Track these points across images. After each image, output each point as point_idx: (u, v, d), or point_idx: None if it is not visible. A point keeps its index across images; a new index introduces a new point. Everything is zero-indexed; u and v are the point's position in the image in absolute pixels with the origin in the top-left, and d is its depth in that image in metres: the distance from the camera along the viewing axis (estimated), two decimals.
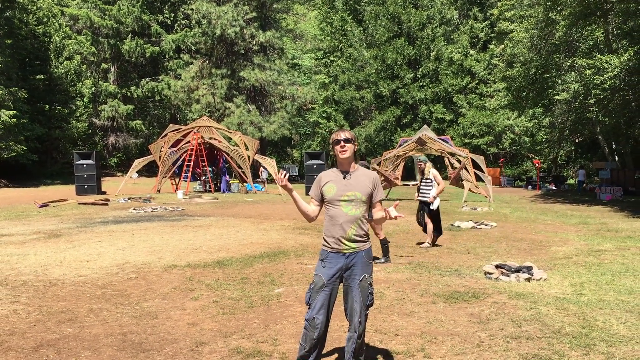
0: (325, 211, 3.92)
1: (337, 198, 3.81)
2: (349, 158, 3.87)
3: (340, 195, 3.80)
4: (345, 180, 3.85)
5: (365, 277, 3.83)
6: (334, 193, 3.82)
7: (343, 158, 3.86)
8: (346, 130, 3.95)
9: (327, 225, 3.87)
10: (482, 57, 42.12)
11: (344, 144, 3.84)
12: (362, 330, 3.84)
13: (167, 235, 11.61)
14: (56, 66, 39.27)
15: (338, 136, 3.88)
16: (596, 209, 18.34)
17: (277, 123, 38.11)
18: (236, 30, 37.64)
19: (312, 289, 3.84)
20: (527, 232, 11.79)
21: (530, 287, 6.65)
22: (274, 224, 13.63)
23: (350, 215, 3.79)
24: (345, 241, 3.79)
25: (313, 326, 3.78)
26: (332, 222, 3.82)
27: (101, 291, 6.73)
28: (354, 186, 3.83)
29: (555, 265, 8.03)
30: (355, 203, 3.80)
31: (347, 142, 3.85)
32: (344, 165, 3.90)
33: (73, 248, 9.91)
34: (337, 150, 3.86)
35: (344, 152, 3.83)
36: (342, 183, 3.84)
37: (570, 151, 38.61)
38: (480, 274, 7.36)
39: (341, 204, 3.80)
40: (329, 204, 3.86)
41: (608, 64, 18.98)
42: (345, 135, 3.87)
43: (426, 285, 6.78)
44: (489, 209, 18.09)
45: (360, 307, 3.81)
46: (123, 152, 46.97)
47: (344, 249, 3.80)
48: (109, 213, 17.05)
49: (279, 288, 6.75)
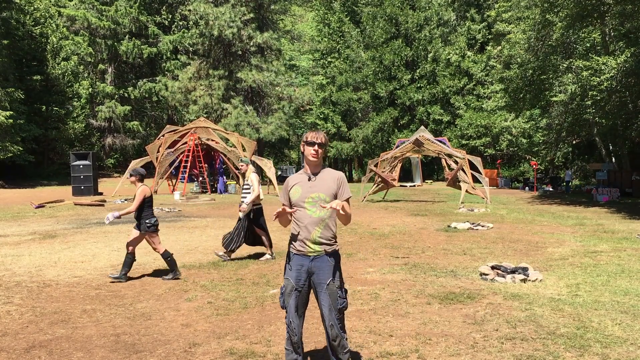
0: (293, 214, 3.89)
1: (302, 200, 3.78)
2: (318, 161, 3.83)
3: (305, 197, 3.77)
4: (310, 182, 3.82)
5: (331, 282, 3.77)
6: (299, 195, 3.79)
7: (313, 161, 3.82)
8: (322, 134, 3.89)
9: (293, 227, 3.84)
10: (479, 58, 42.11)
11: (317, 148, 3.79)
12: (337, 334, 3.79)
13: (162, 236, 11.53)
14: (53, 67, 39.24)
15: (315, 138, 3.81)
16: (593, 211, 18.34)
17: (275, 124, 38.05)
18: (233, 32, 37.57)
19: (284, 292, 3.84)
20: (523, 233, 11.78)
21: (526, 288, 6.63)
22: (269, 226, 13.57)
23: (314, 217, 3.76)
24: (310, 243, 3.76)
25: (292, 330, 3.80)
26: (297, 225, 3.79)
27: (95, 292, 6.70)
28: (318, 187, 3.80)
29: (551, 266, 8.01)
30: (319, 204, 3.76)
31: (321, 146, 3.81)
32: (311, 167, 3.86)
33: (68, 249, 9.87)
34: (308, 151, 3.81)
35: (315, 156, 3.80)
36: (307, 185, 3.81)
37: (568, 153, 38.59)
38: (475, 275, 7.34)
39: (306, 206, 3.77)
40: (295, 207, 3.81)
41: (605, 66, 19.00)
42: (321, 139, 3.82)
43: (421, 286, 6.77)
44: (485, 210, 18.08)
45: (329, 312, 3.78)
46: (120, 153, 46.89)
47: (308, 251, 3.77)
48: (104, 214, 16.98)
49: (273, 289, 6.73)
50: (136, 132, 46.67)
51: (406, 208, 18.98)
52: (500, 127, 38.64)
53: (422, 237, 11.25)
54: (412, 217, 15.59)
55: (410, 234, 11.90)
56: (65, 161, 36.71)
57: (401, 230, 12.57)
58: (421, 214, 16.49)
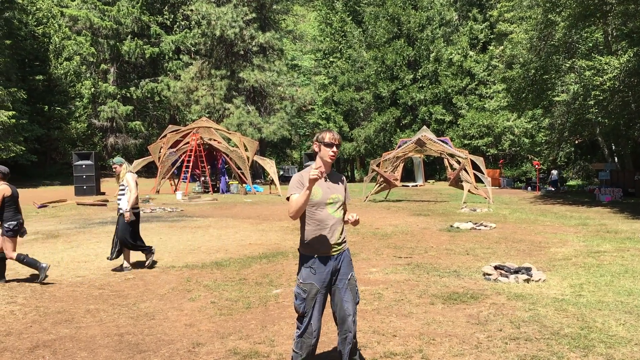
0: (308, 215, 3.81)
1: (324, 201, 3.78)
2: (332, 162, 3.88)
3: (326, 198, 3.79)
4: (327, 183, 3.84)
5: (352, 275, 3.89)
6: (321, 196, 3.77)
7: (329, 162, 3.82)
8: (337, 134, 3.90)
9: (313, 229, 3.79)
10: (481, 58, 42.05)
11: (336, 150, 3.80)
12: (355, 331, 3.85)
13: (165, 236, 11.59)
14: (55, 67, 39.28)
15: (333, 140, 3.81)
16: (595, 210, 18.31)
17: (277, 124, 38.09)
18: (236, 31, 37.62)
19: (306, 298, 3.76)
20: (526, 233, 11.77)
21: (529, 288, 6.62)
22: (272, 225, 13.61)
23: (337, 218, 3.82)
24: (335, 244, 3.79)
25: (310, 333, 3.77)
26: (321, 226, 3.76)
27: (98, 292, 6.70)
28: (335, 188, 3.85)
29: (555, 266, 8.00)
30: (338, 205, 3.83)
31: (338, 147, 3.83)
32: (326, 167, 3.85)
33: (71, 249, 9.88)
34: (326, 152, 3.80)
35: (333, 157, 3.81)
36: (324, 186, 3.82)
37: (570, 152, 38.56)
38: (479, 275, 7.33)
39: (327, 207, 3.79)
40: (315, 208, 3.79)
41: (607, 65, 18.96)
42: (339, 140, 3.84)
43: (425, 286, 6.76)
44: (488, 210, 18.06)
45: (352, 306, 3.83)
46: (122, 153, 46.92)
47: (333, 251, 3.80)
48: (107, 214, 17.02)
49: (277, 289, 6.73)
50: (138, 132, 46.75)
51: (408, 208, 18.97)
52: (502, 127, 38.61)
53: (424, 237, 11.24)
54: (414, 217, 15.57)
55: (412, 234, 11.89)
56: (68, 161, 36.75)
57: (404, 230, 12.56)
58: (424, 214, 16.48)
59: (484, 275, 7.20)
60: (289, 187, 3.82)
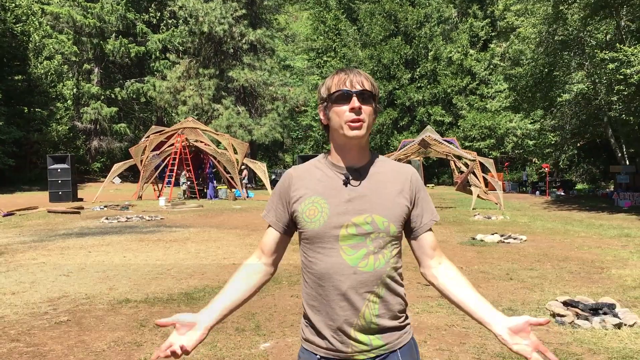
0: (304, 261, 1.77)
1: (331, 233, 1.68)
2: (362, 138, 1.70)
3: (339, 224, 1.68)
4: (350, 188, 1.72)
5: None
6: (325, 220, 1.69)
7: (352, 136, 1.69)
8: (363, 73, 1.73)
9: (311, 297, 1.73)
10: (482, 56, 40.20)
11: (360, 105, 1.67)
12: None
13: (131, 252, 9.55)
14: (35, 66, 37.23)
15: (345, 82, 1.69)
16: (622, 218, 16.43)
17: (268, 125, 36.13)
18: (225, 28, 35.64)
19: None
20: (566, 248, 9.81)
21: (629, 339, 4.62)
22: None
23: (365, 272, 1.66)
24: (358, 333, 1.66)
25: None
26: (324, 292, 1.68)
27: (8, 347, 4.66)
28: (368, 200, 1.70)
29: (637, 299, 6.00)
30: (375, 238, 1.68)
31: (367, 100, 1.69)
32: (349, 152, 1.75)
33: (6, 272, 7.83)
34: (340, 115, 1.69)
35: (357, 123, 1.67)
36: (341, 196, 1.71)
37: (573, 155, 36.87)
38: (546, 316, 5.33)
39: (341, 246, 1.67)
40: (313, 245, 1.72)
41: (634, 57, 17.09)
42: (363, 82, 1.69)
43: (478, 337, 4.73)
44: (504, 218, 16.13)
45: None
46: (107, 157, 44.75)
47: (355, 351, 1.67)
48: (77, 223, 15.05)
49: (265, 342, 4.71)
50: (124, 135, 44.58)
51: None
52: (505, 128, 36.81)
53: (447, 254, 9.24)
54: None
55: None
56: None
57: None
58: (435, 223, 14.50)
59: (554, 317, 5.19)
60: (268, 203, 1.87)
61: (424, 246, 1.83)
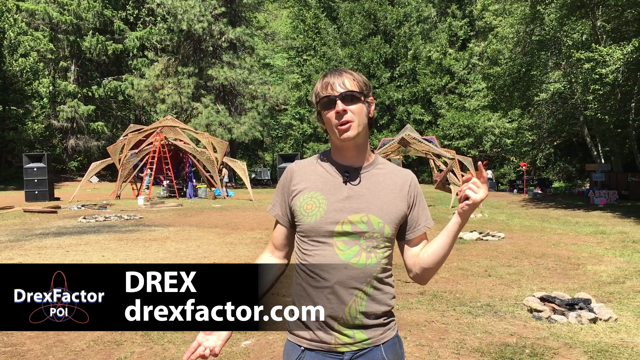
0: (297, 254, 1.82)
1: (326, 228, 1.72)
2: (355, 138, 1.76)
3: (335, 220, 1.72)
4: (349, 187, 1.77)
5: None
6: (321, 216, 1.73)
7: (344, 139, 1.75)
8: (347, 73, 1.78)
9: (300, 288, 1.73)
10: (461, 56, 40.50)
11: (344, 106, 1.73)
12: None
13: (110, 252, 9.48)
14: (10, 64, 36.64)
15: (327, 87, 1.75)
16: (598, 215, 16.69)
17: (248, 124, 36.02)
18: (204, 26, 35.46)
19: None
20: (543, 245, 9.95)
21: (603, 333, 4.71)
22: (243, 236, 11.57)
23: (355, 268, 1.69)
24: (342, 326, 1.69)
25: None
26: (314, 283, 1.70)
27: None
28: (365, 200, 1.75)
29: (612, 294, 6.13)
30: (369, 238, 1.73)
31: (352, 99, 1.73)
32: (347, 152, 1.81)
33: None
34: (329, 120, 1.77)
35: (345, 125, 1.74)
36: (340, 193, 1.76)
37: (550, 153, 37.36)
38: (523, 312, 5.40)
39: (335, 241, 1.72)
40: (307, 238, 1.76)
41: (609, 57, 17.37)
42: (346, 83, 1.74)
43: (457, 332, 4.79)
44: (482, 216, 16.33)
45: None
46: (84, 156, 44.21)
47: (339, 344, 1.70)
48: (54, 223, 14.84)
49: (246, 339, 4.71)
50: (101, 134, 44.03)
51: None
52: (483, 127, 37.16)
53: None
54: None
55: None
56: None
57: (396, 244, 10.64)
58: None
59: (532, 312, 5.28)
60: (273, 197, 1.92)
61: (413, 250, 1.85)
